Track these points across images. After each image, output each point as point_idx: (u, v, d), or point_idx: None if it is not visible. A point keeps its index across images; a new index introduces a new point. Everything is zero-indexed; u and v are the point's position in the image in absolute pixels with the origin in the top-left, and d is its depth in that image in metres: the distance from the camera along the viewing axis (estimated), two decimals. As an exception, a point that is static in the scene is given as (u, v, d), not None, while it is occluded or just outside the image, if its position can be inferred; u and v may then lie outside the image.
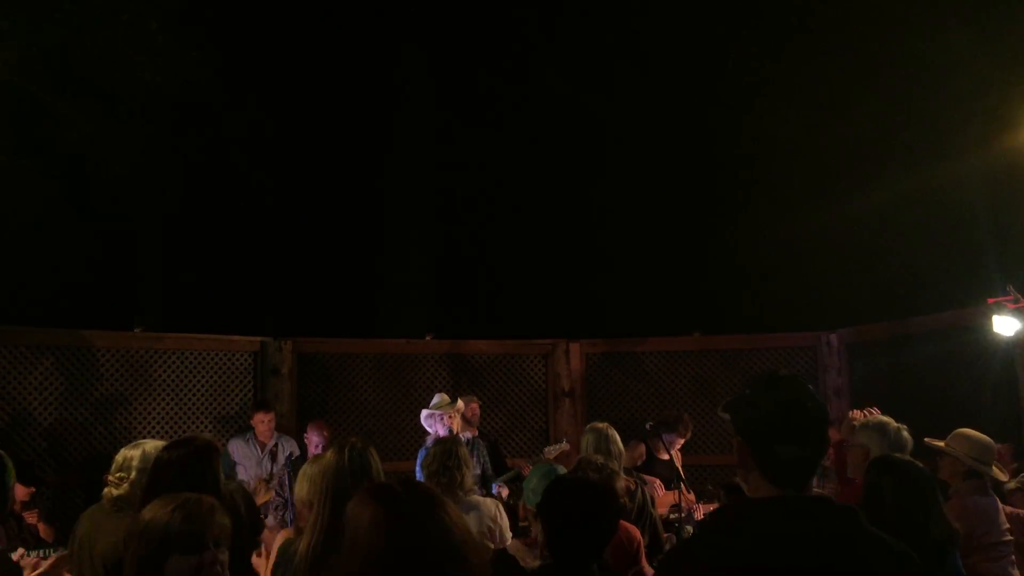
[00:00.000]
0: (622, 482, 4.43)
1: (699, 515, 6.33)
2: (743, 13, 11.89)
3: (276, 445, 7.42)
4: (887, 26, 10.70)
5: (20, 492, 5.56)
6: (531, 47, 13.20)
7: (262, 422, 7.34)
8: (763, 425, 2.09)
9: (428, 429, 6.67)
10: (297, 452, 7.51)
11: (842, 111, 11.12)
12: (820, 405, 2.12)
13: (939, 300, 8.35)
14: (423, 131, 13.35)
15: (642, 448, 6.62)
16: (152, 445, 3.85)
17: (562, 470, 4.12)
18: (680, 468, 6.91)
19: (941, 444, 4.58)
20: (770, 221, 11.49)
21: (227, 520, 2.48)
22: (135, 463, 3.74)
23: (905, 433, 4.56)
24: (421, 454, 6.61)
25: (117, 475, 3.80)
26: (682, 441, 6.94)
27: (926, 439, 4.70)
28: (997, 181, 9.49)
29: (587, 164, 13.31)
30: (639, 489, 5.02)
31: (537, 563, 3.40)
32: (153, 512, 2.40)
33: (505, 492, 6.76)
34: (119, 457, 3.84)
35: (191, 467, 3.33)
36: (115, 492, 3.67)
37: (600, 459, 4.44)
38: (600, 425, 5.17)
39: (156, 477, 3.33)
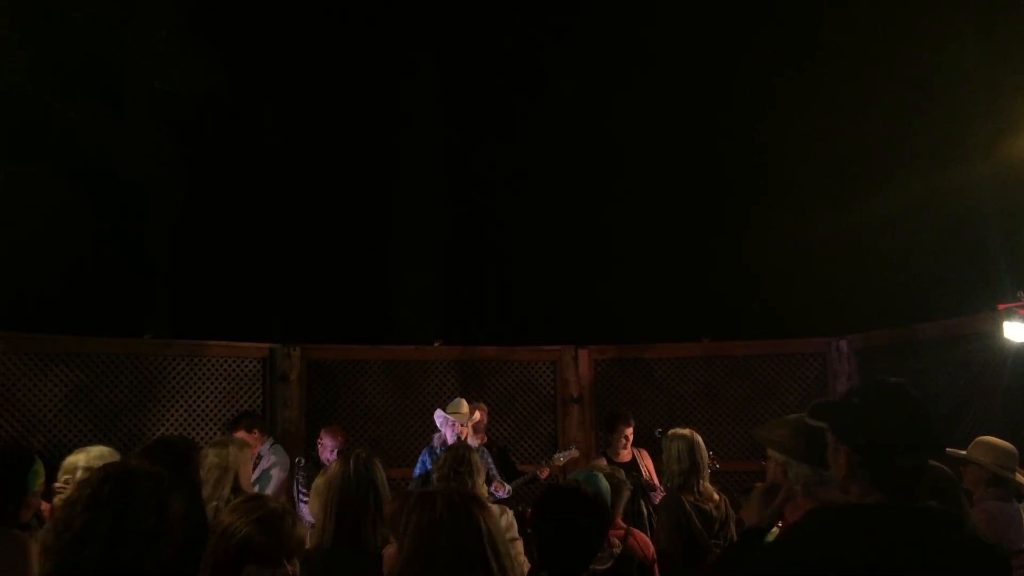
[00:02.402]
0: (627, 493, 4.36)
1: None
2: (754, 20, 11.88)
3: (259, 457, 7.18)
4: (896, 33, 10.68)
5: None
6: (543, 56, 13.22)
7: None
8: (882, 435, 2.06)
9: (439, 427, 6.71)
10: (277, 461, 7.24)
11: (852, 117, 11.11)
12: (928, 412, 2.10)
13: (949, 306, 8.32)
14: (433, 138, 13.38)
15: (602, 460, 6.56)
16: (97, 450, 4.04)
17: (602, 476, 4.05)
18: (647, 468, 6.86)
19: (963, 453, 4.53)
20: (780, 227, 11.47)
21: (303, 532, 2.54)
22: (80, 465, 3.91)
23: None
24: (424, 454, 6.64)
25: (64, 479, 3.96)
26: (629, 431, 6.87)
27: (948, 449, 4.65)
28: (1007, 186, 9.45)
29: (597, 171, 13.32)
30: (723, 499, 4.84)
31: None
32: (234, 518, 2.44)
33: (502, 490, 6.72)
34: (66, 463, 4.02)
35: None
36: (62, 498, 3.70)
37: (607, 467, 4.39)
38: (685, 432, 5.03)
39: None
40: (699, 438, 4.97)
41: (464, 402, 6.88)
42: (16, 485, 3.27)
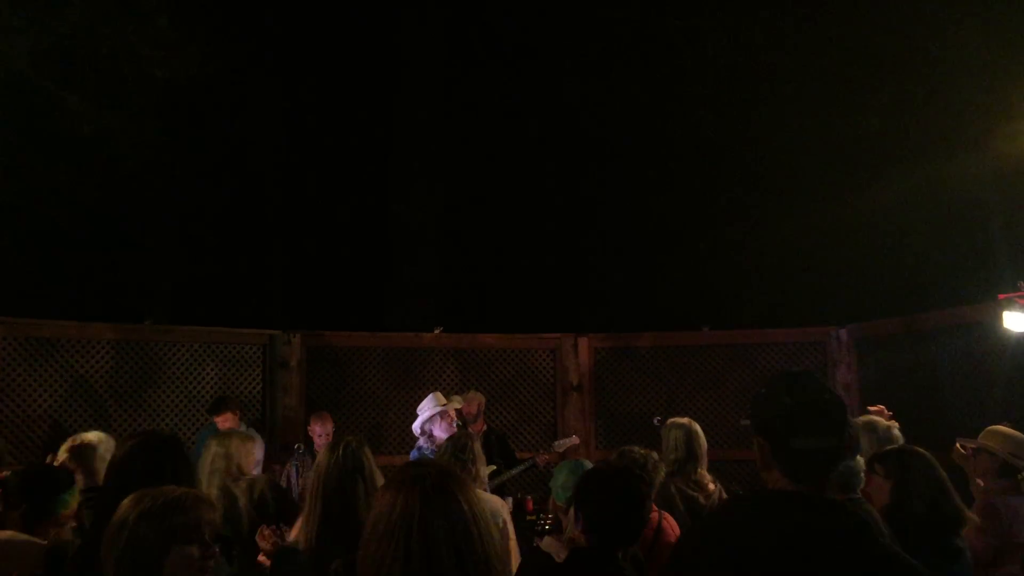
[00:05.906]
0: (662, 474, 4.37)
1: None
2: (751, 6, 11.84)
3: None
4: (896, 21, 10.64)
5: None
6: (538, 42, 13.18)
7: (226, 421, 7.09)
8: (777, 417, 2.10)
9: (418, 433, 6.13)
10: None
11: (851, 106, 11.08)
12: (835, 398, 2.12)
13: (949, 296, 8.32)
14: (433, 125, 13.34)
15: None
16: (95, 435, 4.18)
17: (588, 464, 4.05)
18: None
19: (974, 443, 4.53)
20: (780, 216, 11.47)
21: (215, 514, 2.48)
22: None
23: (896, 431, 4.49)
24: (414, 455, 6.07)
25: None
26: None
27: (959, 440, 4.66)
28: (1007, 176, 9.44)
29: (596, 158, 13.31)
30: (718, 489, 4.81)
31: None
32: (138, 507, 2.34)
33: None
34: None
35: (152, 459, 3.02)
36: None
37: (640, 450, 4.34)
38: (683, 420, 5.00)
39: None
40: (697, 427, 4.95)
41: (440, 395, 6.57)
42: (44, 505, 3.47)
